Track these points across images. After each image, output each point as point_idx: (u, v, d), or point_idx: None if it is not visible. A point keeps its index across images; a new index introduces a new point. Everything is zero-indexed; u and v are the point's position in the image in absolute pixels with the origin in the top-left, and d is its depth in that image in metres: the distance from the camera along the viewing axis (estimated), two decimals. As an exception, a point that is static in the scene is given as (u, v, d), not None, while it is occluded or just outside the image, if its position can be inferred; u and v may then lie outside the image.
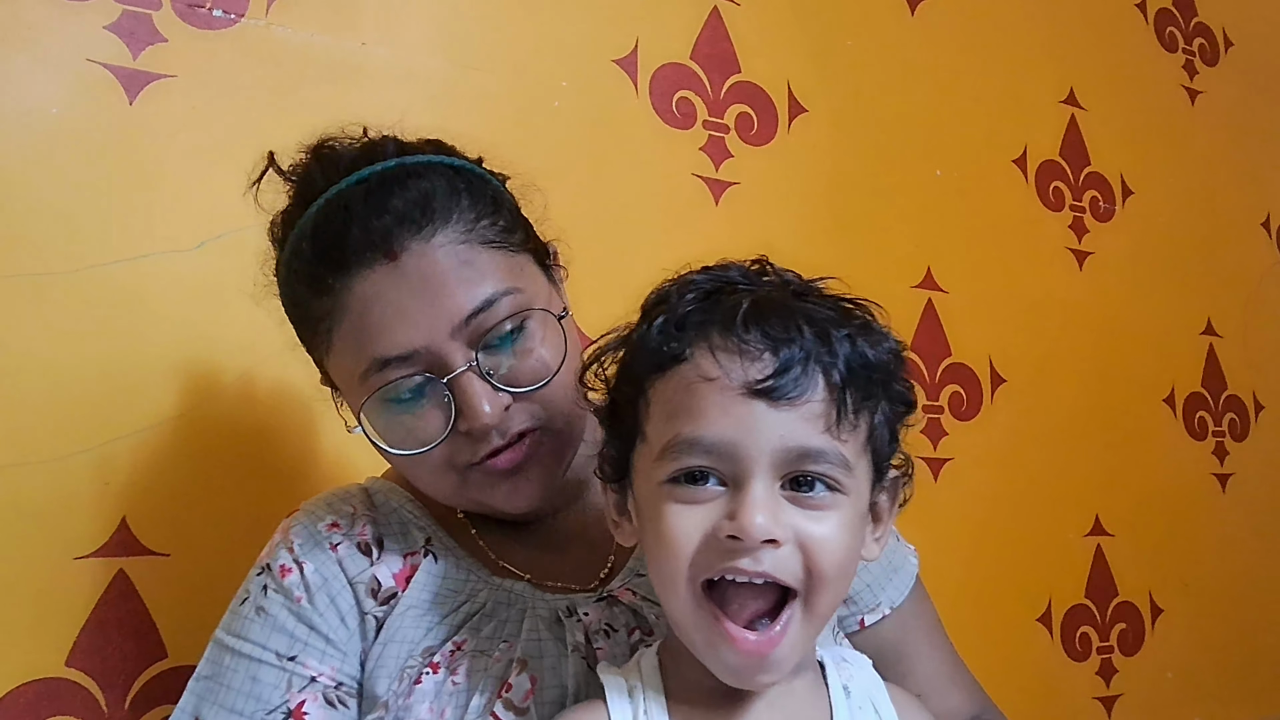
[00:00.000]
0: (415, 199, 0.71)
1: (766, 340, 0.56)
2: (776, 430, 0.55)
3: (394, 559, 0.76)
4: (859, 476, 0.58)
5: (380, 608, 0.73)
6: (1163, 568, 1.69)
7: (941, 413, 1.51)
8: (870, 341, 0.59)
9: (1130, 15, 1.88)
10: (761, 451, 0.55)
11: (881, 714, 0.61)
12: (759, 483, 0.55)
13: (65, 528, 0.96)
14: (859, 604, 0.84)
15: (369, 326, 0.70)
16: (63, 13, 1.02)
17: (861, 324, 0.60)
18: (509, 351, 0.72)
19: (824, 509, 0.56)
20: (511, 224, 0.77)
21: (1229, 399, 1.83)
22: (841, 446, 0.56)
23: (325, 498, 0.81)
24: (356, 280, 0.70)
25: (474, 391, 0.70)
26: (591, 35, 1.33)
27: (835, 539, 0.56)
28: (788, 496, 0.56)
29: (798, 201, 1.44)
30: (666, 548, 0.56)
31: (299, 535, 0.76)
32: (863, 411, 0.57)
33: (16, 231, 0.97)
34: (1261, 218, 1.96)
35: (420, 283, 0.70)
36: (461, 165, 0.77)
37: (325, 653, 0.72)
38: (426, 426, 0.72)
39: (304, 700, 0.70)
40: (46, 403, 0.96)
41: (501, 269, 0.73)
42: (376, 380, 0.71)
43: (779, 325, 0.56)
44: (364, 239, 0.70)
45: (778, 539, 0.54)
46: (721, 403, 0.55)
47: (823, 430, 0.55)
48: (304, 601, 0.73)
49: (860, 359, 0.57)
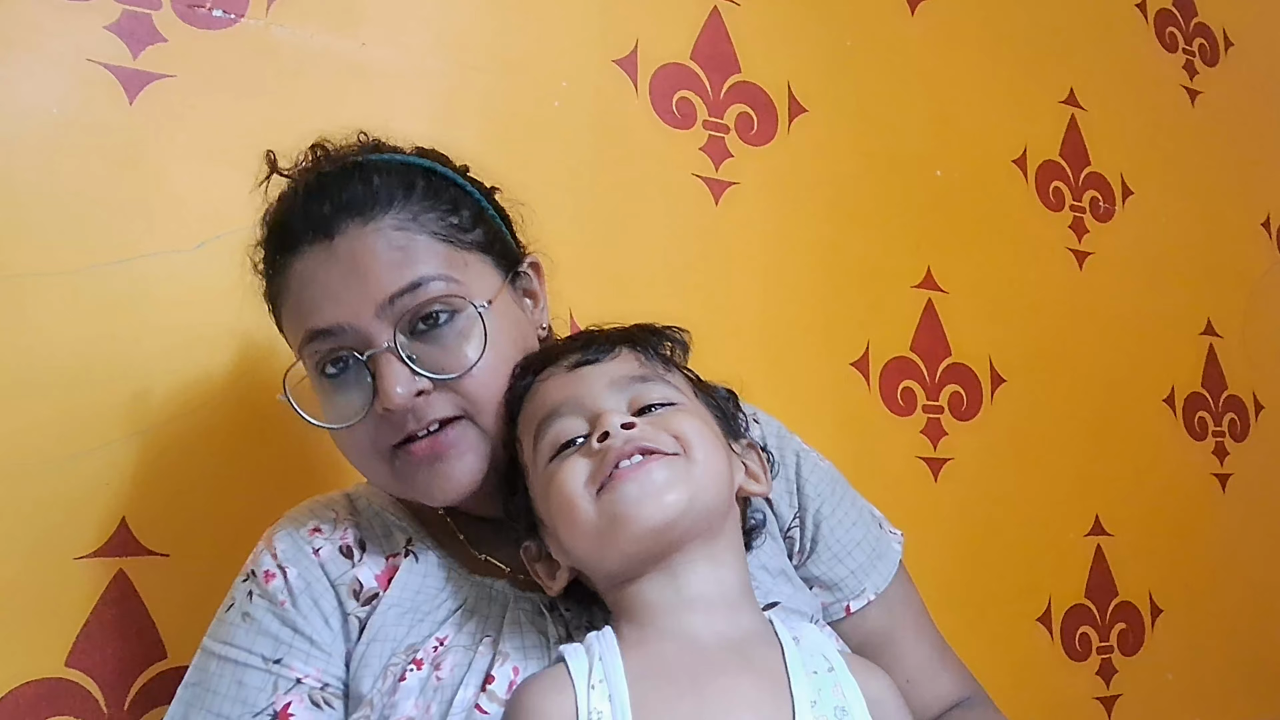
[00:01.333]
0: (360, 189, 0.75)
1: (573, 347, 0.74)
2: (604, 374, 0.71)
3: (376, 561, 0.78)
4: (694, 402, 0.73)
5: (362, 608, 0.75)
6: (1163, 568, 1.69)
7: (941, 413, 1.51)
8: (658, 326, 0.78)
9: (1130, 15, 1.88)
10: (598, 387, 0.69)
11: (831, 662, 0.65)
12: (608, 402, 0.68)
13: (65, 528, 0.96)
14: (844, 590, 0.84)
15: (304, 302, 0.74)
16: (63, 13, 1.02)
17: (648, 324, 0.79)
18: (433, 338, 0.73)
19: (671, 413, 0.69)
20: (467, 224, 0.78)
21: (1229, 399, 1.83)
22: (661, 379, 0.71)
23: (308, 505, 0.83)
24: (296, 259, 0.74)
25: (389, 372, 0.71)
26: (591, 35, 1.33)
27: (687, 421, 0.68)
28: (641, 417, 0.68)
29: (798, 201, 1.44)
30: (562, 491, 0.65)
31: (281, 541, 0.78)
32: (670, 367, 0.74)
33: (16, 231, 0.97)
34: (1261, 218, 1.96)
35: (350, 262, 0.72)
36: (430, 166, 0.79)
37: (310, 654, 0.73)
38: (349, 403, 0.74)
39: (290, 702, 0.71)
40: (47, 403, 0.96)
41: (439, 257, 0.74)
42: (308, 352, 0.75)
43: (581, 338, 0.76)
44: (305, 221, 0.74)
45: (633, 423, 0.66)
46: (557, 382, 0.71)
47: (639, 367, 0.72)
48: (288, 605, 0.74)
49: (647, 331, 0.77)
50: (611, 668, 0.62)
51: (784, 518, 0.85)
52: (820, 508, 0.85)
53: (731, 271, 1.37)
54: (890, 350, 1.48)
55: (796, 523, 0.85)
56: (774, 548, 0.83)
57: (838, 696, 0.62)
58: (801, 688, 0.61)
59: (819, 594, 0.84)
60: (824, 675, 0.63)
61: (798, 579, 0.83)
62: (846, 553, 0.85)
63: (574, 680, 0.61)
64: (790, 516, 0.85)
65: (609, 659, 0.62)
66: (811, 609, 0.80)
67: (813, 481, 0.86)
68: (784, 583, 0.80)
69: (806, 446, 0.89)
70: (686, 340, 0.79)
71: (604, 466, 0.64)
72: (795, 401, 1.36)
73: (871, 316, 1.47)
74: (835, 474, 0.89)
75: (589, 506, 0.64)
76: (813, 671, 0.63)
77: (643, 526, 0.63)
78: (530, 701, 0.61)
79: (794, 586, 0.81)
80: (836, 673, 0.64)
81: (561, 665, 0.63)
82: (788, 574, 0.82)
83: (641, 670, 0.62)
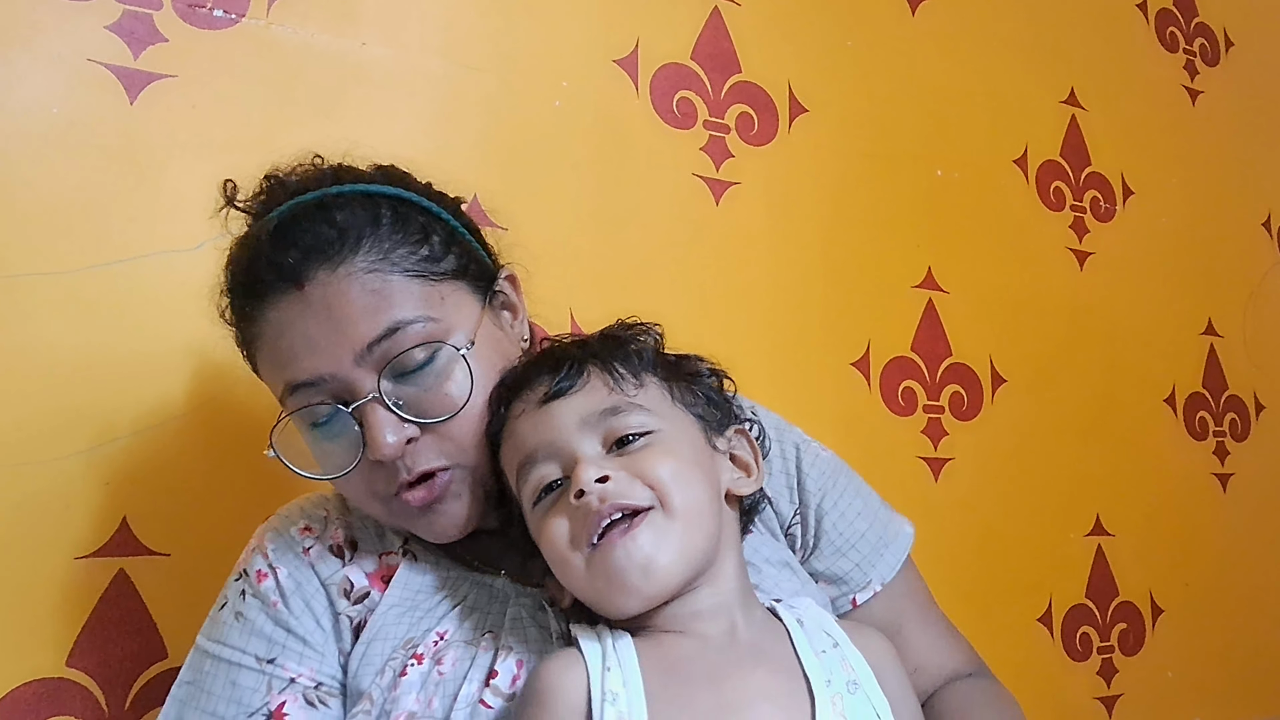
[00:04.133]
0: (326, 231, 0.72)
1: (542, 371, 0.71)
2: (575, 410, 0.68)
3: (368, 560, 0.78)
4: (669, 419, 0.69)
5: (354, 608, 0.75)
6: (1163, 568, 1.69)
7: (941, 413, 1.51)
8: (625, 333, 0.75)
9: (1131, 15, 1.88)
10: (570, 429, 0.67)
11: (835, 637, 0.67)
12: (582, 448, 0.67)
13: (65, 528, 0.96)
14: (850, 583, 0.84)
15: (280, 352, 0.72)
16: (63, 13, 1.02)
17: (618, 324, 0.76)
18: (418, 381, 0.72)
19: (645, 447, 0.67)
20: (439, 252, 0.75)
21: (1230, 399, 1.83)
22: (633, 398, 0.68)
23: (299, 503, 0.83)
24: (269, 308, 0.72)
25: (376, 422, 0.70)
26: (591, 35, 1.33)
27: (660, 458, 0.66)
28: (616, 454, 0.67)
29: (798, 201, 1.44)
30: (551, 543, 0.66)
31: (272, 541, 0.78)
32: (643, 376, 0.70)
33: (16, 231, 0.97)
34: (1262, 218, 1.96)
35: (324, 311, 0.70)
36: (394, 194, 0.76)
37: (303, 654, 0.73)
38: (340, 453, 0.73)
39: (284, 701, 0.71)
40: (46, 403, 0.96)
41: (415, 297, 0.72)
42: (291, 404, 0.73)
43: (550, 358, 0.72)
44: (272, 270, 0.72)
45: (608, 475, 0.64)
46: (531, 421, 0.69)
47: (609, 394, 0.68)
48: (279, 606, 0.75)
49: (618, 343, 0.73)
50: (625, 656, 0.63)
51: (784, 515, 0.84)
52: (821, 502, 0.84)
53: (732, 271, 1.37)
54: (891, 350, 1.48)
55: (798, 519, 0.84)
56: (775, 543, 0.82)
57: (847, 671, 0.64)
58: (814, 671, 0.63)
59: (824, 588, 0.83)
60: (830, 653, 0.65)
61: (802, 571, 0.82)
62: (850, 546, 0.84)
63: (587, 660, 0.63)
64: (790, 513, 0.84)
65: (623, 648, 0.63)
66: (819, 603, 0.80)
67: (813, 475, 0.85)
68: (788, 576, 0.80)
69: (807, 438, 0.88)
70: (657, 337, 0.76)
71: (586, 529, 0.64)
72: (796, 401, 1.36)
73: (872, 316, 1.47)
74: (838, 463, 0.88)
75: (580, 565, 0.64)
76: (820, 651, 0.65)
77: (636, 596, 0.63)
78: (545, 679, 0.62)
79: (799, 580, 0.81)
80: (841, 647, 0.66)
81: (574, 649, 0.64)
82: (791, 566, 0.81)
83: (655, 663, 0.63)
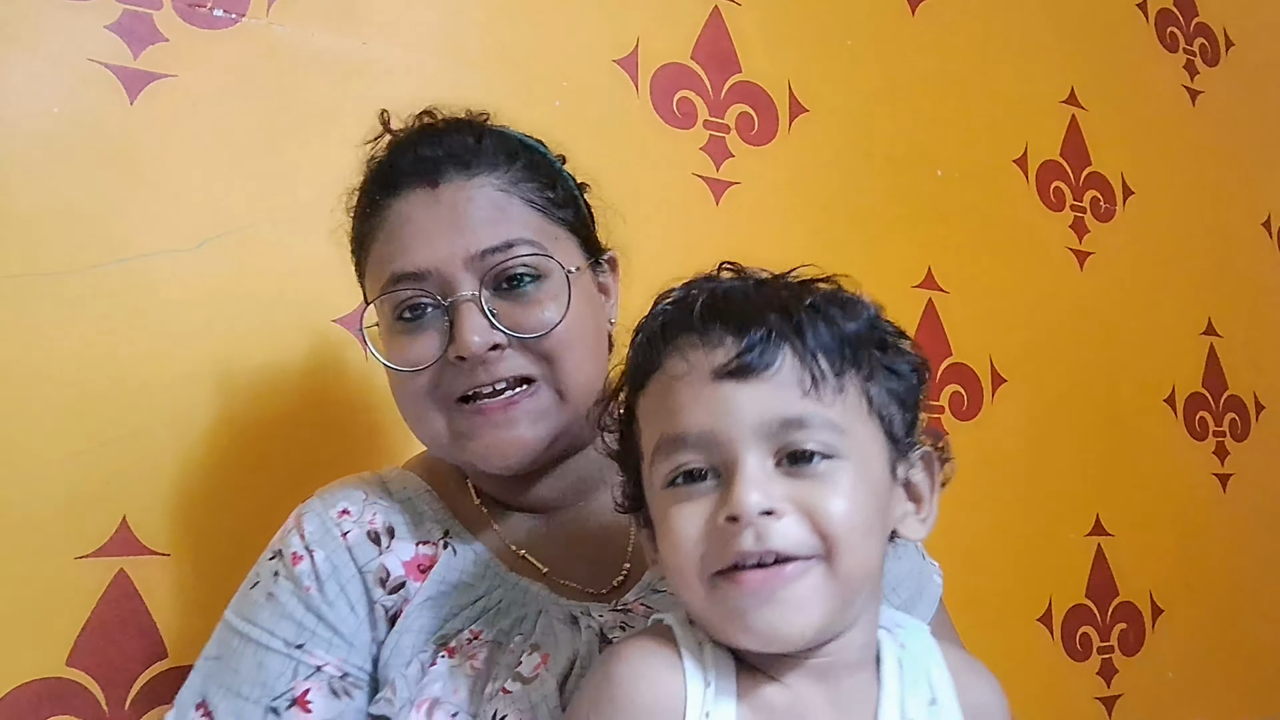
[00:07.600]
0: (470, 143, 0.77)
1: (726, 327, 0.57)
2: (753, 405, 0.55)
3: (405, 547, 0.77)
4: (860, 440, 0.57)
5: (389, 597, 0.74)
6: (1163, 568, 1.69)
7: (942, 413, 1.50)
8: (839, 307, 0.60)
9: (1131, 15, 1.88)
10: (742, 429, 0.55)
11: (935, 691, 0.59)
12: (748, 460, 0.55)
13: (65, 528, 0.96)
14: None
15: (396, 242, 0.75)
16: (63, 13, 1.02)
17: (828, 295, 0.61)
18: (516, 298, 0.74)
19: (825, 476, 0.55)
20: (561, 201, 0.79)
21: (1230, 399, 1.83)
22: (827, 410, 0.56)
23: (340, 484, 0.82)
24: (398, 200, 0.76)
25: (468, 320, 0.72)
26: (592, 35, 1.33)
27: (840, 498, 0.55)
28: (787, 472, 0.55)
29: (798, 201, 1.44)
30: (675, 547, 0.56)
31: (310, 523, 0.78)
32: (846, 376, 0.57)
33: (17, 231, 0.97)
34: (1262, 218, 1.96)
35: (450, 211, 0.74)
36: (535, 145, 0.82)
37: (332, 643, 0.73)
38: (423, 348, 0.74)
39: (309, 689, 0.71)
40: (46, 403, 0.96)
41: (532, 225, 0.76)
42: (389, 295, 0.75)
43: (737, 311, 0.57)
44: (412, 165, 0.76)
45: (774, 509, 0.53)
46: (694, 394, 0.56)
47: (801, 396, 0.55)
48: (313, 591, 0.74)
49: (827, 324, 0.58)
50: (724, 685, 0.56)
51: None
52: None
53: (732, 271, 1.37)
54: (890, 350, 1.48)
55: None
56: None
57: None
58: None
59: None
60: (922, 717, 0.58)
61: None
62: (891, 589, 0.81)
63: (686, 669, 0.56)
64: None
65: (723, 672, 0.57)
66: None
67: None
68: None
69: None
70: (873, 315, 0.62)
71: (725, 555, 0.54)
72: (795, 401, 1.36)
73: (872, 316, 1.47)
74: None
75: (702, 590, 0.56)
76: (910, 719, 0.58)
77: (757, 643, 0.55)
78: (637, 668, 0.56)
79: None
80: (939, 706, 0.59)
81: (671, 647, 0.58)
82: None
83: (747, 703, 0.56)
